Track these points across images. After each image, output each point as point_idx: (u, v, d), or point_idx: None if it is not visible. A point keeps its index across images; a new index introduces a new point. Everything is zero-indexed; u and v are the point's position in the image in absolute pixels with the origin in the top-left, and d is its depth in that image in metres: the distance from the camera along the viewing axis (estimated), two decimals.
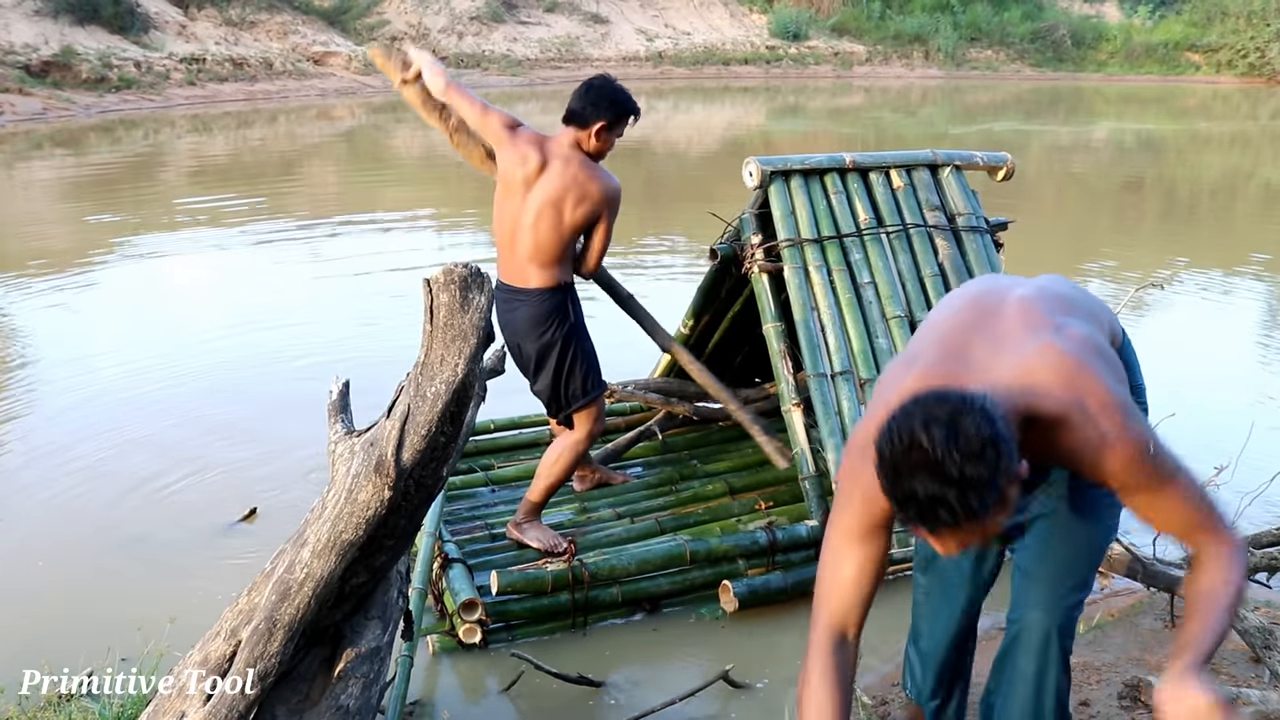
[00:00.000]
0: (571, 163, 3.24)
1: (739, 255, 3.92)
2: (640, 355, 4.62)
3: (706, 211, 4.48)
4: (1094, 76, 30.43)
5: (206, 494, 4.21)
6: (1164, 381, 5.75)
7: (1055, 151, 16.69)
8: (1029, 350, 1.79)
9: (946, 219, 4.06)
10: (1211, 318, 7.31)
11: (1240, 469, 3.38)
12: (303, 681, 2.06)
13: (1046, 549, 2.13)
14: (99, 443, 4.67)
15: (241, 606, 2.03)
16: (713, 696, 2.93)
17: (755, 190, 3.91)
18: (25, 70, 17.66)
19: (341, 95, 21.57)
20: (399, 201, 11.49)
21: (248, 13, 22.52)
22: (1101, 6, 34.44)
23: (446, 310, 1.82)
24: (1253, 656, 2.68)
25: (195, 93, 19.69)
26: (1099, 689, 2.66)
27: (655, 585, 3.39)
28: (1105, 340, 1.96)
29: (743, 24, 30.03)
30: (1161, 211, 12.30)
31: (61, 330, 6.48)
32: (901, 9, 31.05)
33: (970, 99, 25.33)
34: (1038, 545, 2.13)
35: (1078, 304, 2.01)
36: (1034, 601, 2.11)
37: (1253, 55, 29.62)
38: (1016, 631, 2.15)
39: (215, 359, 5.84)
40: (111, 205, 10.71)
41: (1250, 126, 21.82)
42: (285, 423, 4.87)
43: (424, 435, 1.86)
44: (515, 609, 3.25)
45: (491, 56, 25.19)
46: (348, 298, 7.29)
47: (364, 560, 2.03)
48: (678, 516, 3.77)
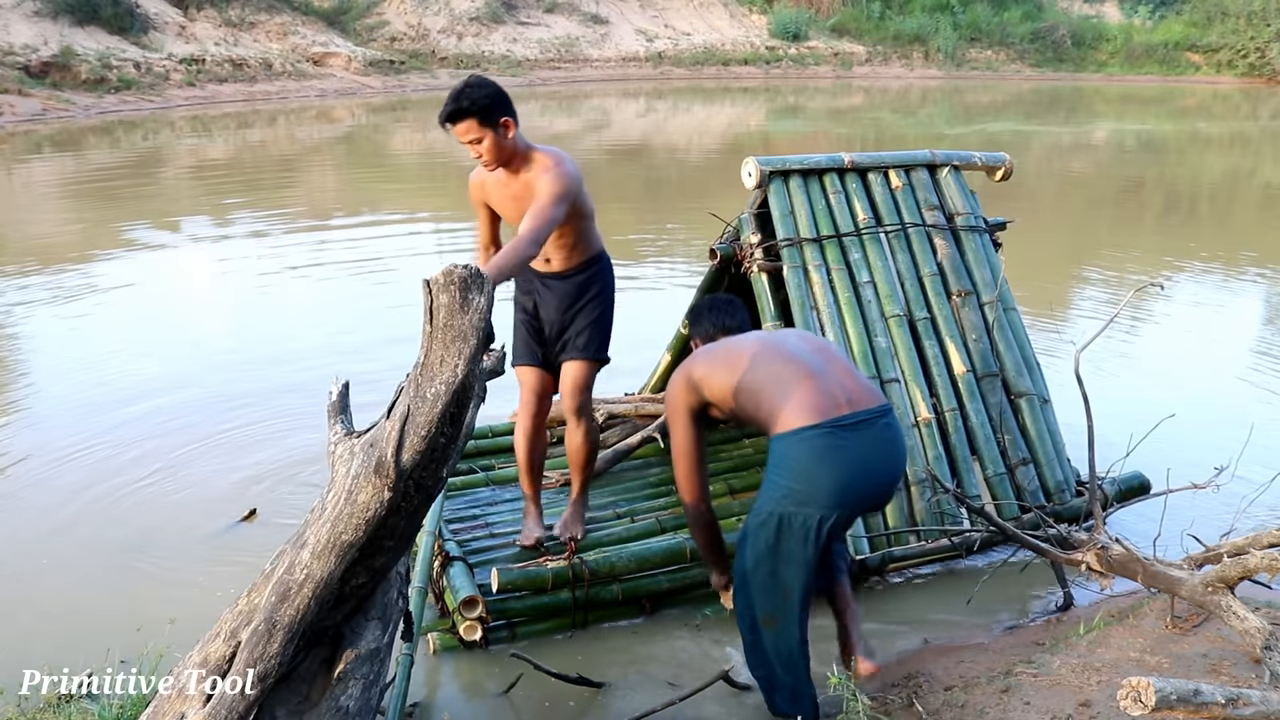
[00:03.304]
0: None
1: (738, 255, 3.92)
2: (641, 355, 4.62)
3: (706, 211, 4.48)
4: (1094, 77, 30.45)
5: (206, 495, 4.21)
6: (1164, 381, 5.79)
7: (1055, 152, 16.70)
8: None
9: (945, 219, 4.06)
10: (1212, 317, 7.31)
11: (1241, 469, 3.38)
12: (302, 682, 2.06)
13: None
14: (99, 443, 4.67)
15: (241, 607, 2.03)
16: (713, 696, 2.93)
17: (754, 190, 3.91)
18: (25, 71, 17.67)
19: (341, 96, 21.57)
20: (399, 202, 11.50)
21: (247, 13, 22.53)
22: (1101, 7, 34.46)
23: (446, 311, 1.82)
24: (1253, 656, 2.68)
25: (195, 94, 19.71)
26: (1099, 689, 2.66)
27: (655, 583, 3.39)
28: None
29: (742, 24, 30.04)
30: (1161, 212, 12.31)
31: (60, 331, 6.47)
32: (901, 9, 31.07)
33: (970, 99, 25.34)
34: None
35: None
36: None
37: (1253, 55, 29.64)
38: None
39: (214, 359, 5.84)
40: (111, 206, 10.71)
41: (1250, 126, 21.83)
42: (285, 423, 4.87)
43: (424, 436, 1.86)
44: (516, 606, 3.26)
45: (491, 57, 25.19)
46: (348, 298, 7.30)
47: (364, 561, 2.03)
48: (678, 516, 3.77)
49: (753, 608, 2.73)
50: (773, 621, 2.70)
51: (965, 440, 3.73)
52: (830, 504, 2.56)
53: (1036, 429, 3.82)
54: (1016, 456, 3.76)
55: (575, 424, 3.46)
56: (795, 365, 2.69)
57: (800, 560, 2.62)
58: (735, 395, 2.71)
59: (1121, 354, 6.18)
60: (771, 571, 2.66)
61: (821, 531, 2.59)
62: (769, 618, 2.70)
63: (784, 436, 2.61)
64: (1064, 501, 3.75)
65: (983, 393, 3.81)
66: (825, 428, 2.58)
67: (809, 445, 2.57)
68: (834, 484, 2.56)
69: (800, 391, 2.62)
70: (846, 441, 2.58)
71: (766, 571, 2.66)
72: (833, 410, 2.61)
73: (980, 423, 3.76)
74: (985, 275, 3.99)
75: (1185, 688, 1.92)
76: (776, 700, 2.78)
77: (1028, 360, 3.96)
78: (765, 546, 2.64)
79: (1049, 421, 3.88)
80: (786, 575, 2.65)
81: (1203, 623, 2.98)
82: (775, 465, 2.64)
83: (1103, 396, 5.06)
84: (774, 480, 2.64)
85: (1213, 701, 1.96)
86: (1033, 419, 3.83)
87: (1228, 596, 2.68)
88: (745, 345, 2.83)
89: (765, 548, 2.64)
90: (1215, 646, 2.84)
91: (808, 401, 2.61)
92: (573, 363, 3.39)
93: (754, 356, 2.74)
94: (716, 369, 2.78)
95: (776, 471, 2.63)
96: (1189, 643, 2.89)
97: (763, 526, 2.64)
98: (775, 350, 2.77)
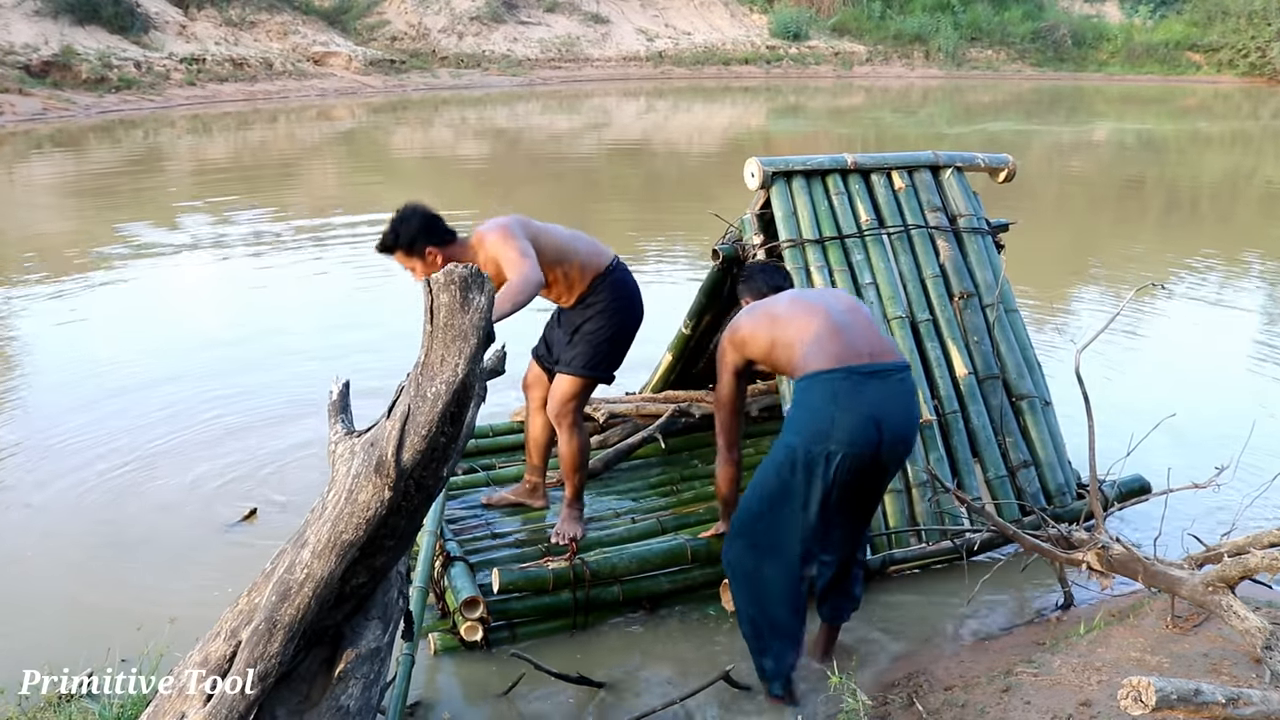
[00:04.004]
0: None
1: (741, 255, 3.92)
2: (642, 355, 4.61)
3: (707, 211, 4.48)
4: (1095, 76, 30.44)
5: (206, 494, 4.21)
6: (1165, 381, 5.79)
7: (1056, 151, 16.70)
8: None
9: (948, 220, 4.06)
10: (1212, 317, 7.31)
11: (1241, 469, 3.38)
12: (303, 682, 2.06)
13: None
14: (98, 443, 4.66)
15: (241, 607, 2.03)
16: (713, 696, 2.93)
17: (757, 191, 3.91)
18: (25, 70, 17.67)
19: (341, 95, 21.57)
20: (399, 202, 11.48)
21: (248, 13, 22.53)
22: (1102, 6, 34.44)
23: (447, 310, 1.82)
24: (1253, 656, 2.68)
25: (195, 93, 19.71)
26: (1099, 689, 2.65)
27: (656, 584, 3.39)
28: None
29: (743, 24, 30.03)
30: (1163, 211, 12.30)
31: (60, 331, 6.48)
32: (902, 9, 31.05)
33: (971, 99, 25.33)
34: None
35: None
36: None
37: (1254, 55, 29.63)
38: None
39: (214, 359, 5.84)
40: (111, 205, 10.71)
41: (1251, 126, 21.82)
42: (285, 423, 4.87)
43: (424, 435, 1.86)
44: (517, 607, 3.26)
45: (491, 56, 25.19)
46: (348, 297, 7.30)
47: (364, 561, 2.03)
48: (679, 516, 3.77)
49: (745, 557, 2.88)
50: (760, 581, 2.85)
51: (967, 442, 3.72)
52: (842, 440, 2.73)
53: (1038, 431, 3.82)
54: (1018, 459, 3.76)
55: (558, 432, 3.56)
56: (824, 319, 2.89)
57: (807, 501, 2.75)
58: (772, 351, 2.96)
59: (1122, 353, 6.18)
60: (773, 524, 2.81)
61: (831, 468, 2.73)
62: (758, 571, 2.85)
63: (805, 378, 2.83)
64: (1065, 504, 3.75)
65: (984, 395, 3.80)
66: (843, 372, 2.78)
67: (828, 385, 2.78)
68: (848, 422, 2.74)
69: (825, 341, 2.84)
70: (863, 386, 2.78)
71: (769, 523, 2.82)
72: (853, 359, 2.81)
73: (982, 425, 3.76)
74: (987, 277, 3.99)
75: (1186, 687, 1.92)
76: (763, 664, 2.91)
77: (1029, 362, 3.95)
78: (777, 481, 2.81)
79: (1050, 424, 3.88)
80: (789, 523, 2.79)
81: (1203, 622, 2.97)
82: (795, 404, 2.86)
83: (1103, 396, 5.06)
84: (793, 416, 2.86)
85: (1213, 701, 1.96)
86: (1034, 421, 3.83)
87: (1228, 596, 2.68)
88: (781, 304, 3.04)
89: (776, 483, 2.81)
90: (1216, 646, 2.84)
91: (831, 349, 2.82)
92: (559, 376, 3.52)
93: (789, 313, 2.97)
94: (759, 330, 2.99)
95: (796, 409, 2.85)
96: (1189, 642, 2.89)
97: (778, 464, 2.81)
98: (808, 306, 2.98)
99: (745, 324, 3.04)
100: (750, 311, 3.09)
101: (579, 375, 3.47)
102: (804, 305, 3.00)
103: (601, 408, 4.39)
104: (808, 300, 3.05)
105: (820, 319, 2.89)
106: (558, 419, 3.51)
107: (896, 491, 3.57)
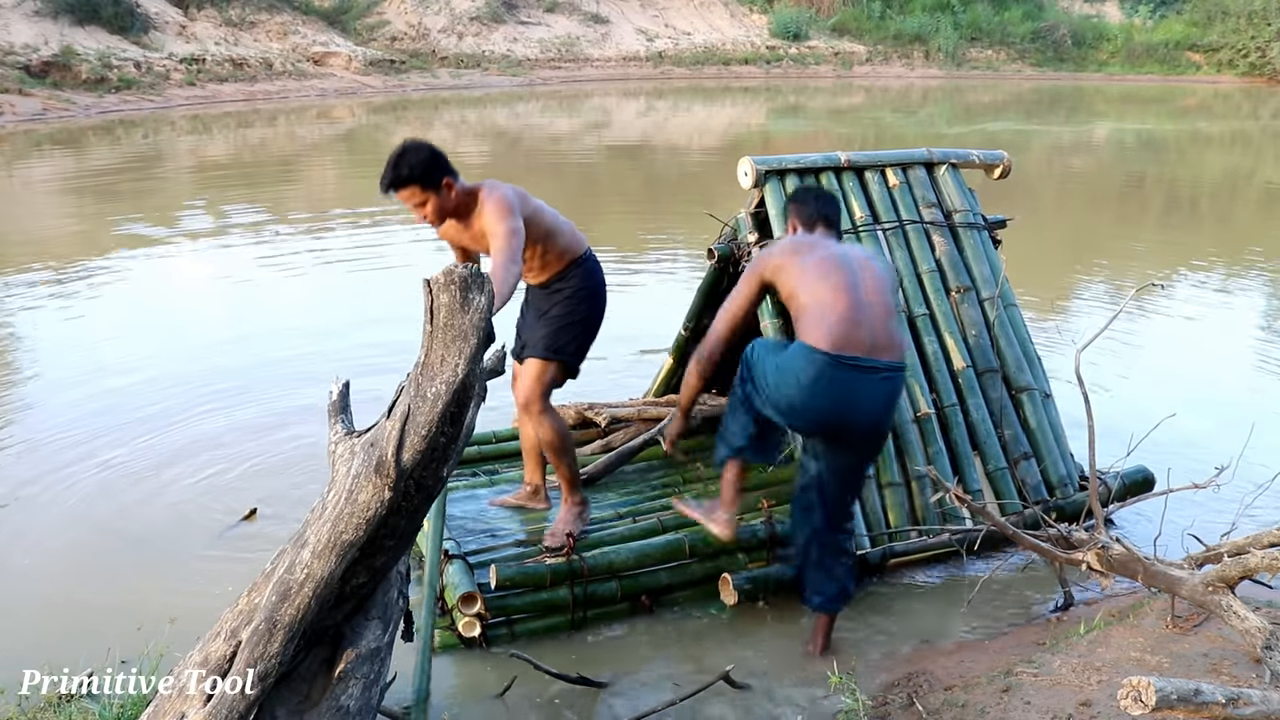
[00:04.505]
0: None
1: (736, 254, 3.92)
2: (640, 358, 4.62)
3: (706, 212, 4.48)
4: (1095, 76, 30.43)
5: (206, 494, 4.21)
6: (1165, 380, 5.78)
7: (1056, 151, 16.69)
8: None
9: (943, 216, 4.06)
10: (1212, 316, 7.31)
11: (1241, 468, 3.37)
12: (303, 682, 2.06)
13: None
14: (98, 443, 4.66)
15: (242, 607, 2.03)
16: (713, 696, 2.93)
17: (751, 190, 3.91)
18: (25, 70, 17.67)
19: (341, 95, 21.57)
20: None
21: (248, 13, 22.53)
22: (1102, 6, 34.43)
23: (447, 311, 1.82)
24: (1253, 656, 2.68)
25: (195, 93, 19.70)
26: (1099, 689, 2.65)
27: (655, 579, 3.39)
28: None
29: (743, 24, 30.03)
30: (1163, 210, 12.30)
31: (60, 331, 6.48)
32: (902, 9, 31.04)
33: (971, 99, 25.33)
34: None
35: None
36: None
37: (1253, 55, 29.62)
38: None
39: (214, 359, 5.83)
40: (111, 205, 10.71)
41: (1251, 126, 21.82)
42: (285, 423, 4.87)
43: (424, 436, 1.86)
44: (514, 603, 3.26)
45: (491, 56, 25.19)
46: (348, 298, 7.29)
47: (364, 561, 2.03)
48: (680, 517, 3.76)
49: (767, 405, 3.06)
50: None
51: (966, 435, 3.73)
52: (799, 416, 2.98)
53: (1038, 424, 3.82)
54: (1018, 451, 3.76)
55: (531, 422, 3.51)
56: (845, 300, 2.96)
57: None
58: (791, 299, 3.07)
59: (1123, 353, 6.18)
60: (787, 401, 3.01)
61: (788, 423, 3.05)
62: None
63: (800, 344, 2.96)
64: (1067, 496, 3.75)
65: (983, 388, 3.81)
66: (831, 358, 2.89)
67: (810, 365, 2.91)
68: (813, 405, 2.93)
69: (833, 322, 2.93)
70: (842, 377, 2.90)
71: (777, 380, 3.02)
72: (848, 348, 2.91)
73: (981, 418, 3.76)
74: (984, 271, 3.99)
75: (1185, 687, 1.92)
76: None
77: (1029, 356, 3.96)
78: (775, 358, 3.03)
79: (1050, 416, 3.88)
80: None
81: (1203, 622, 2.97)
82: (790, 354, 2.99)
83: (1104, 395, 5.07)
84: (779, 364, 3.00)
85: (1213, 701, 1.96)
86: (1034, 414, 3.83)
87: (1228, 596, 2.68)
88: (818, 260, 3.07)
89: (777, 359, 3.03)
90: (1216, 646, 2.84)
91: (836, 330, 2.92)
92: (526, 362, 3.47)
93: (819, 275, 3.03)
94: (790, 273, 3.08)
95: (786, 360, 2.99)
96: (1189, 642, 2.89)
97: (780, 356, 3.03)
98: (838, 281, 3.01)
99: (779, 260, 3.11)
100: (791, 251, 3.13)
101: (542, 358, 3.42)
102: (836, 278, 3.01)
103: (604, 412, 4.38)
104: (841, 272, 3.03)
105: (842, 299, 2.95)
106: (526, 406, 3.44)
107: (896, 485, 3.57)
